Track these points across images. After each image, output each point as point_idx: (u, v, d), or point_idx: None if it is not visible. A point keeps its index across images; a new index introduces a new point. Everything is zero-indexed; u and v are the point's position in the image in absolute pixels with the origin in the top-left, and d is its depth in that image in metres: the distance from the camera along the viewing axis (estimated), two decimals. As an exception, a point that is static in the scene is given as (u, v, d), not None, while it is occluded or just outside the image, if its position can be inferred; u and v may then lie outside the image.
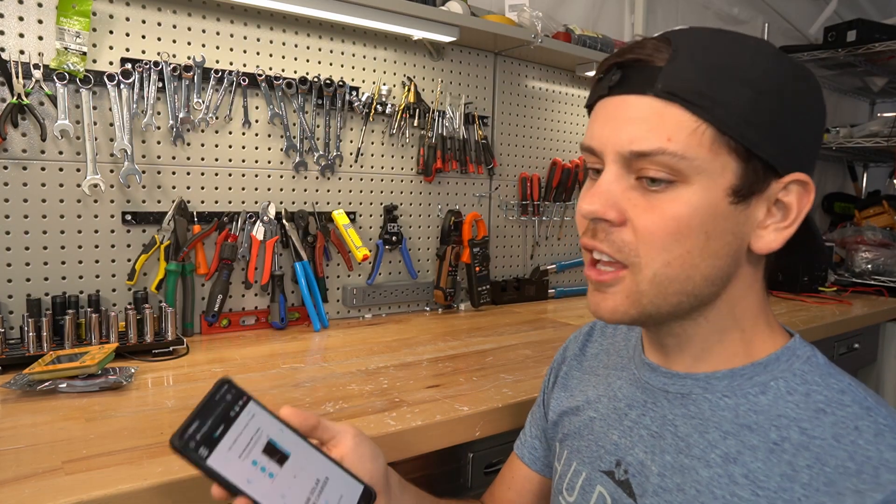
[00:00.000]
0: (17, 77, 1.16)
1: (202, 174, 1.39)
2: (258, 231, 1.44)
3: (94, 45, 1.25)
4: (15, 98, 1.16)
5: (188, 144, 1.37)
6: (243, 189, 1.45)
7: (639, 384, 0.65)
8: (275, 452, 0.54)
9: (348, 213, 1.59)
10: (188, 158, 1.37)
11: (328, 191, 1.58)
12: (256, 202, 1.47)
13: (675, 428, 0.59)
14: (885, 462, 0.48)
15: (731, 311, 0.59)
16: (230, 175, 1.43)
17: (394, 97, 1.66)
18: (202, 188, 1.40)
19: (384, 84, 1.62)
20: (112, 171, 1.28)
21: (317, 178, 1.56)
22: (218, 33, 1.38)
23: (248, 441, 0.52)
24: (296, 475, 0.54)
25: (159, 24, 1.31)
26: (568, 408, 0.74)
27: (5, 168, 1.18)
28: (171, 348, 1.21)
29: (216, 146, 1.41)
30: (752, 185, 0.53)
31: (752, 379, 0.57)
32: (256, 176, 1.47)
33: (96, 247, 1.28)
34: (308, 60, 1.52)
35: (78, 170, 1.24)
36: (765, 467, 0.52)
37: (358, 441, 0.61)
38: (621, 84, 0.54)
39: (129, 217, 1.30)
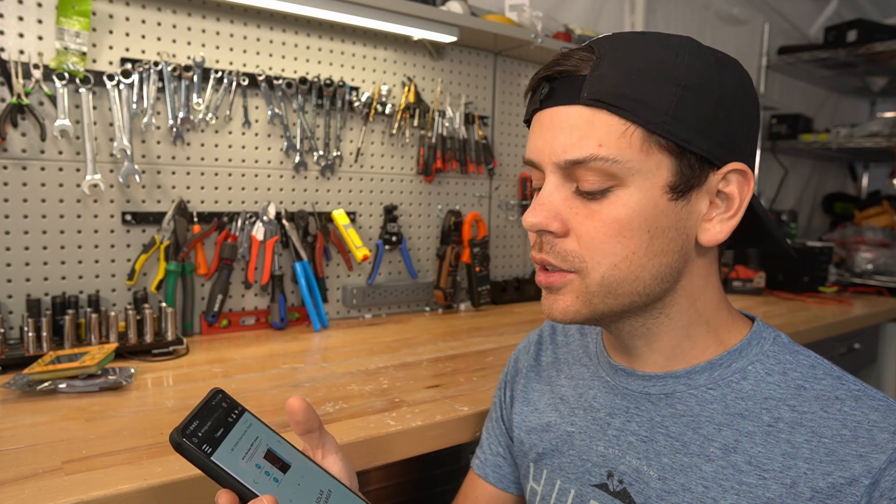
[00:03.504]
0: (17, 77, 1.16)
1: (202, 174, 1.39)
2: (258, 231, 1.44)
3: (94, 45, 1.25)
4: (15, 98, 1.15)
5: (188, 144, 1.37)
6: (243, 189, 1.45)
7: (615, 391, 0.64)
8: (276, 460, 0.53)
9: (348, 213, 1.59)
10: (188, 158, 1.37)
11: (328, 191, 1.58)
12: (256, 202, 1.47)
13: (667, 429, 0.59)
14: (875, 423, 0.51)
15: (693, 306, 0.59)
16: (230, 175, 1.43)
17: (394, 97, 1.66)
18: (202, 188, 1.40)
19: (384, 84, 1.62)
20: (112, 171, 1.28)
21: (317, 178, 1.56)
22: (218, 33, 1.38)
23: (248, 446, 0.51)
24: (300, 483, 0.53)
25: (159, 24, 1.31)
26: (537, 424, 0.72)
27: (5, 168, 1.18)
28: (170, 348, 1.21)
29: (216, 146, 1.40)
30: (689, 180, 0.54)
31: (730, 367, 0.58)
32: (256, 176, 1.47)
33: (96, 247, 1.28)
34: (308, 60, 1.51)
35: (78, 170, 1.24)
36: (765, 450, 0.53)
37: (341, 455, 0.60)
38: (550, 96, 0.56)
39: (128, 217, 1.30)
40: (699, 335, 0.60)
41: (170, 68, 1.31)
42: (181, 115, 1.33)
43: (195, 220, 1.38)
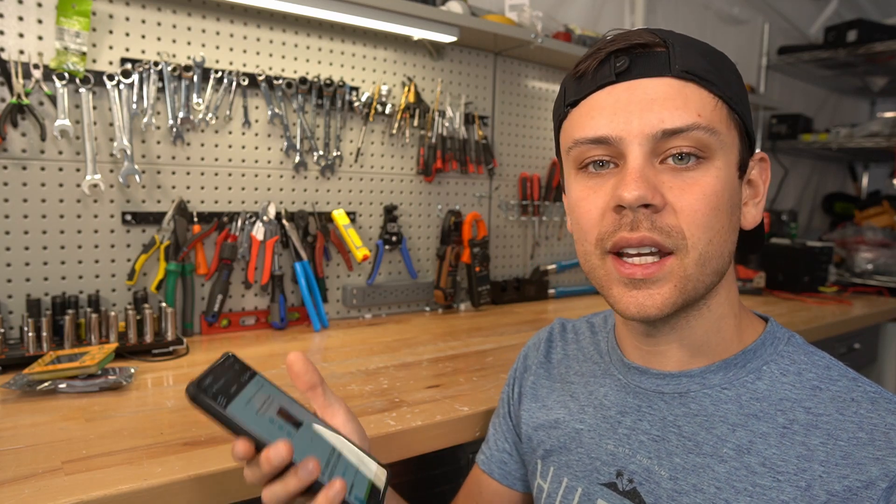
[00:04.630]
0: (17, 77, 1.16)
1: (202, 174, 1.39)
2: (258, 231, 1.44)
3: (94, 45, 1.25)
4: (15, 98, 1.15)
5: (188, 144, 1.37)
6: (243, 189, 1.45)
7: (627, 389, 0.64)
8: (289, 417, 0.54)
9: (348, 213, 1.58)
10: (188, 158, 1.37)
11: (328, 191, 1.58)
12: (256, 202, 1.47)
13: (679, 428, 0.58)
14: (892, 426, 0.50)
15: (728, 296, 0.59)
16: (230, 175, 1.43)
17: (394, 97, 1.66)
18: (202, 188, 1.40)
19: (384, 84, 1.62)
20: (112, 171, 1.28)
21: (317, 178, 1.56)
22: (218, 33, 1.38)
23: (262, 403, 0.53)
24: (311, 439, 0.54)
25: (159, 24, 1.31)
26: (545, 421, 0.71)
27: (5, 168, 1.18)
28: (170, 348, 1.21)
29: (216, 146, 1.40)
30: (745, 162, 0.57)
31: (745, 367, 0.58)
32: (256, 176, 1.47)
33: (96, 247, 1.28)
34: (308, 60, 1.51)
35: (78, 170, 1.24)
36: (780, 452, 0.52)
37: (350, 416, 0.60)
38: (631, 70, 0.54)
39: (128, 217, 1.30)
40: (727, 329, 0.59)
41: (170, 68, 1.31)
42: (181, 115, 1.33)
43: (195, 220, 1.37)
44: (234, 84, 1.40)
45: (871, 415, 0.51)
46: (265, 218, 1.44)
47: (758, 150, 0.59)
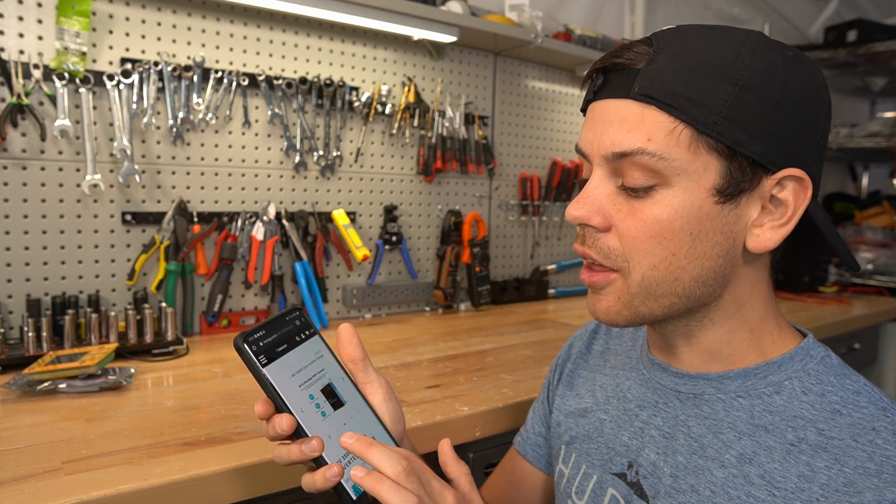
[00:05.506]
0: (17, 77, 1.16)
1: (202, 174, 1.39)
2: (258, 231, 1.44)
3: (94, 45, 1.25)
4: (15, 98, 1.15)
5: (188, 144, 1.37)
6: (243, 189, 1.45)
7: (649, 385, 0.65)
8: (332, 395, 0.55)
9: (348, 213, 1.59)
10: (188, 158, 1.37)
11: (328, 191, 1.58)
12: (256, 202, 1.47)
13: (688, 429, 0.59)
14: None
15: (738, 312, 0.58)
16: (230, 175, 1.43)
17: (394, 97, 1.66)
18: (202, 188, 1.40)
19: (384, 84, 1.62)
20: (112, 171, 1.28)
21: (317, 178, 1.56)
22: (218, 33, 1.38)
23: (310, 376, 0.55)
24: (346, 423, 0.55)
25: (159, 24, 1.31)
26: (575, 409, 0.73)
27: (5, 168, 1.18)
28: (170, 348, 1.21)
29: (216, 146, 1.40)
30: (738, 184, 0.52)
31: (765, 378, 0.57)
32: (256, 176, 1.47)
33: (96, 247, 1.28)
34: (308, 60, 1.51)
35: (78, 170, 1.24)
36: (781, 468, 0.52)
37: (390, 396, 0.62)
38: (603, 88, 0.55)
39: (128, 217, 1.30)
40: (740, 342, 0.58)
41: (170, 68, 1.31)
42: (181, 115, 1.33)
43: (195, 220, 1.38)
44: (234, 84, 1.40)
45: (888, 446, 0.49)
46: (265, 218, 1.44)
47: (793, 168, 0.52)
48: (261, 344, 0.52)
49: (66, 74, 1.19)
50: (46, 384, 0.95)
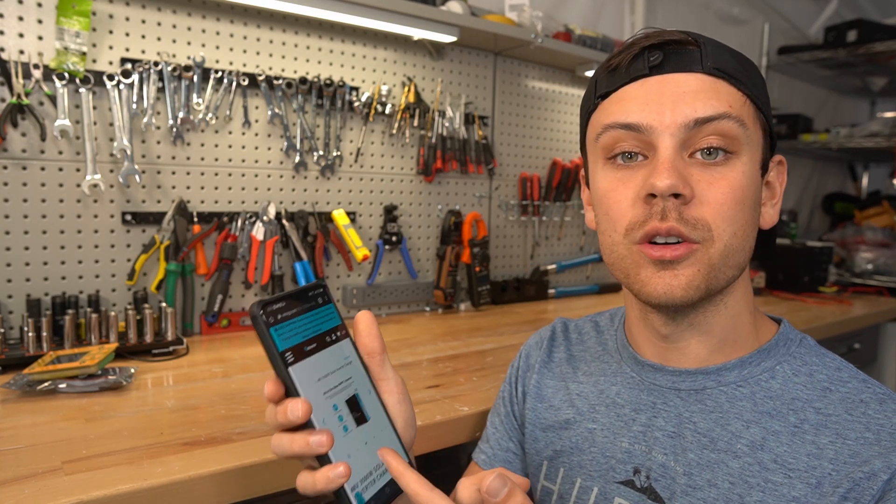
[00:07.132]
0: (17, 77, 1.16)
1: (202, 174, 1.39)
2: (258, 231, 1.44)
3: (94, 45, 1.25)
4: (15, 98, 1.15)
5: (188, 144, 1.37)
6: (243, 189, 1.45)
7: (641, 386, 0.64)
8: (357, 409, 0.50)
9: (348, 213, 1.59)
10: (188, 158, 1.37)
11: (328, 191, 1.58)
12: (256, 202, 1.47)
13: (695, 425, 0.59)
14: None
15: (745, 294, 0.60)
16: (230, 175, 1.43)
17: (394, 97, 1.66)
18: (202, 188, 1.40)
19: (384, 84, 1.62)
20: (112, 171, 1.28)
21: (317, 178, 1.56)
22: (218, 33, 1.38)
23: (337, 383, 0.49)
24: (367, 443, 0.49)
25: (159, 24, 1.31)
26: (554, 422, 0.70)
27: (5, 168, 1.18)
28: (170, 348, 1.21)
29: (216, 146, 1.40)
30: (767, 162, 0.59)
31: (759, 365, 0.59)
32: (256, 176, 1.47)
33: (96, 247, 1.28)
34: (308, 60, 1.51)
35: (78, 170, 1.24)
36: (791, 450, 0.54)
37: (405, 397, 0.57)
38: (664, 64, 0.56)
39: (128, 217, 1.30)
40: (743, 327, 0.60)
41: (170, 68, 1.31)
42: (181, 115, 1.33)
43: (195, 220, 1.37)
44: (234, 84, 1.40)
45: (879, 415, 0.53)
46: (265, 218, 1.44)
47: (778, 154, 0.61)
48: (278, 316, 0.46)
49: (66, 74, 1.19)
50: (46, 384, 0.95)
